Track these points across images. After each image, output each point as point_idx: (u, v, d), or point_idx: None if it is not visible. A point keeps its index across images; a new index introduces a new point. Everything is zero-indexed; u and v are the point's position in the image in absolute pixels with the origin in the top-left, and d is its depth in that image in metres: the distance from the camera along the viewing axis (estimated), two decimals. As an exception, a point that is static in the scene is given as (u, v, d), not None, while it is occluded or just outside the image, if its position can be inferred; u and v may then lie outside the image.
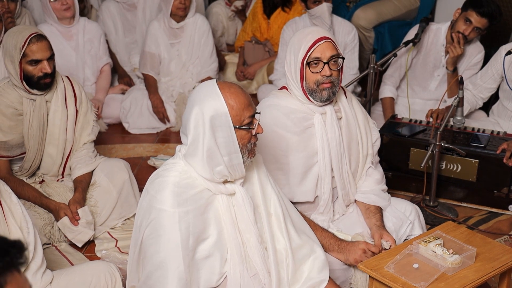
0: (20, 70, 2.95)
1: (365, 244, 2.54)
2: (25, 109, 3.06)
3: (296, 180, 2.63)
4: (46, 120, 3.12)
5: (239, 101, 2.05)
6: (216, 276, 2.12)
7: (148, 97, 4.59)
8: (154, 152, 4.24)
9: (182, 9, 4.52)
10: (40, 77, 2.99)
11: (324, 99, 2.54)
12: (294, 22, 4.51)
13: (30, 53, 2.94)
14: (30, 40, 2.92)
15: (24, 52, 2.92)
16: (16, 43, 2.92)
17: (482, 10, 3.78)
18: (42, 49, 2.96)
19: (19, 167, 3.23)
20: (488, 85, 3.88)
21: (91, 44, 4.56)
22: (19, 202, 2.30)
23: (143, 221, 2.10)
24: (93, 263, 2.57)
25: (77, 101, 3.22)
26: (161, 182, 2.08)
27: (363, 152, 2.75)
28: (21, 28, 3.04)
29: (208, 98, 2.04)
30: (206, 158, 2.05)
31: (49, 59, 3.00)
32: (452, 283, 2.19)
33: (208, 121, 2.02)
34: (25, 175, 3.25)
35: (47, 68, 2.97)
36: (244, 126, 2.07)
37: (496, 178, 3.49)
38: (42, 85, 3.02)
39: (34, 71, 2.97)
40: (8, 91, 3.04)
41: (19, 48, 2.92)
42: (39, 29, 3.09)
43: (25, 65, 2.95)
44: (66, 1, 4.28)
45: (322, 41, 2.49)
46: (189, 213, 2.05)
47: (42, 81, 3.00)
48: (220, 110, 2.02)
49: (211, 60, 4.76)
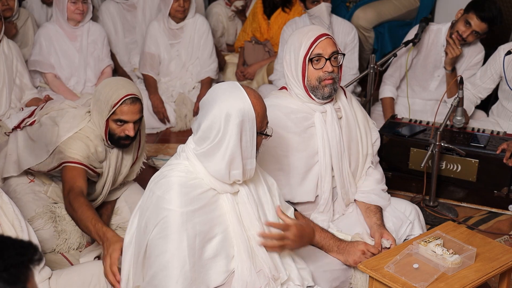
0: (106, 127, 2.85)
1: (364, 245, 2.54)
2: (101, 156, 2.96)
3: (296, 180, 2.63)
4: (119, 167, 3.05)
5: (262, 107, 2.08)
6: (223, 274, 2.12)
7: (148, 97, 4.60)
8: (154, 152, 4.24)
9: (181, 11, 4.53)
10: (121, 137, 2.86)
11: (326, 95, 2.55)
12: (294, 22, 4.51)
13: (119, 113, 2.80)
14: (124, 101, 2.78)
15: (114, 111, 2.80)
16: (110, 98, 2.79)
17: (483, 15, 3.78)
18: (133, 112, 2.81)
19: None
20: (487, 85, 3.89)
21: (95, 46, 4.57)
22: (10, 201, 2.29)
23: (150, 221, 2.09)
24: (93, 263, 2.56)
25: (140, 147, 3.13)
26: (168, 182, 2.07)
27: (363, 152, 2.76)
28: (121, 84, 2.86)
29: (236, 101, 2.02)
30: (228, 161, 2.04)
31: (135, 122, 2.85)
32: (452, 283, 2.19)
33: (237, 124, 2.01)
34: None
35: (131, 131, 2.83)
36: (264, 132, 2.11)
37: (496, 178, 3.49)
38: (121, 145, 2.92)
39: (117, 130, 2.84)
40: (92, 136, 2.92)
41: (111, 105, 2.79)
42: (138, 89, 2.89)
43: (110, 122, 2.83)
44: (83, 8, 4.36)
45: (323, 38, 2.51)
46: (195, 213, 2.06)
47: (122, 142, 2.88)
48: (250, 115, 2.03)
49: (210, 60, 4.77)
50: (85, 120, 2.94)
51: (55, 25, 4.43)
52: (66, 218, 3.05)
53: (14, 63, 4.15)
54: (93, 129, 2.92)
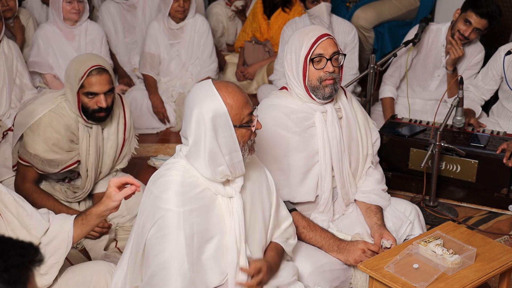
0: (78, 101, 2.90)
1: (364, 244, 2.54)
2: (81, 135, 3.01)
3: (297, 181, 2.63)
4: (102, 148, 3.08)
5: (237, 99, 2.06)
6: (222, 275, 2.13)
7: (148, 97, 4.60)
8: (154, 152, 4.24)
9: (181, 11, 4.53)
10: (94, 110, 2.92)
11: (327, 96, 2.55)
12: (294, 22, 4.51)
13: (88, 85, 2.87)
14: (91, 72, 2.85)
15: (82, 83, 2.86)
16: (77, 72, 2.86)
17: (481, 11, 3.78)
18: (101, 82, 2.87)
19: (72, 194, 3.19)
20: (490, 86, 3.89)
21: (93, 46, 4.57)
22: (7, 190, 2.27)
23: (148, 221, 2.10)
24: (93, 263, 2.56)
25: (126, 128, 3.17)
26: (165, 182, 2.08)
27: (363, 152, 2.76)
28: (86, 57, 2.97)
29: (206, 99, 2.04)
30: (209, 159, 2.05)
31: (107, 93, 2.91)
32: (452, 283, 2.19)
33: (209, 122, 2.02)
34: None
35: (103, 102, 2.89)
36: (244, 124, 2.08)
37: (495, 178, 3.49)
38: (96, 118, 2.96)
39: (89, 104, 2.90)
40: (65, 113, 2.98)
41: (78, 78, 2.86)
42: (104, 60, 2.99)
43: (82, 96, 2.89)
44: (78, 7, 4.35)
45: (324, 38, 2.51)
46: (193, 212, 2.06)
47: (97, 115, 2.93)
48: (220, 111, 2.03)
49: (210, 60, 4.77)
50: (59, 97, 3.00)
51: (52, 25, 4.42)
52: None
53: (14, 63, 4.14)
54: (67, 110, 2.97)
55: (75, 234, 2.28)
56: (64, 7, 4.32)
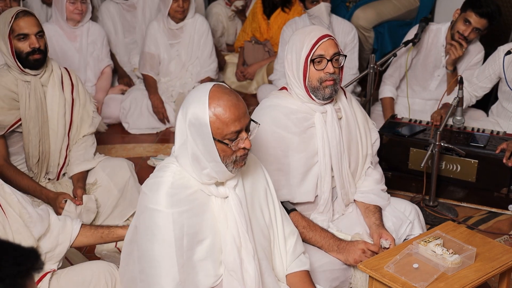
0: (11, 47, 3.02)
1: (364, 244, 2.54)
2: (21, 92, 3.09)
3: (296, 181, 2.63)
4: (44, 104, 3.14)
5: (226, 114, 1.97)
6: (213, 278, 2.11)
7: (148, 97, 4.60)
8: (154, 152, 4.24)
9: (180, 11, 4.53)
10: (29, 52, 3.03)
11: (327, 96, 2.55)
12: (294, 22, 4.51)
13: (17, 28, 3.01)
14: (17, 15, 3.01)
15: (11, 27, 3.00)
16: (5, 20, 3.02)
17: (481, 11, 3.77)
18: (29, 23, 3.03)
19: (26, 165, 3.24)
20: (484, 84, 3.88)
21: (94, 46, 4.58)
22: (13, 190, 2.29)
23: (139, 221, 2.10)
24: (93, 263, 2.56)
25: (74, 90, 3.26)
26: (156, 183, 2.07)
27: (363, 152, 2.76)
28: (11, 8, 3.18)
29: (195, 103, 2.00)
30: (192, 161, 2.03)
31: (37, 35, 3.05)
32: (452, 283, 2.19)
33: (190, 126, 2.00)
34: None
35: (35, 42, 3.03)
36: (223, 141, 2.00)
37: (495, 178, 3.49)
38: (32, 62, 3.06)
39: (23, 47, 3.02)
40: (3, 73, 3.11)
41: (7, 24, 3.00)
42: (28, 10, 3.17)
43: (14, 41, 3.02)
44: (81, 8, 4.38)
45: (325, 39, 2.50)
46: (183, 214, 2.04)
47: (32, 57, 3.05)
48: (201, 120, 1.97)
49: (210, 60, 4.77)
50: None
51: (54, 25, 4.44)
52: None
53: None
54: (6, 72, 3.09)
55: (77, 240, 2.45)
56: (68, 7, 4.35)
